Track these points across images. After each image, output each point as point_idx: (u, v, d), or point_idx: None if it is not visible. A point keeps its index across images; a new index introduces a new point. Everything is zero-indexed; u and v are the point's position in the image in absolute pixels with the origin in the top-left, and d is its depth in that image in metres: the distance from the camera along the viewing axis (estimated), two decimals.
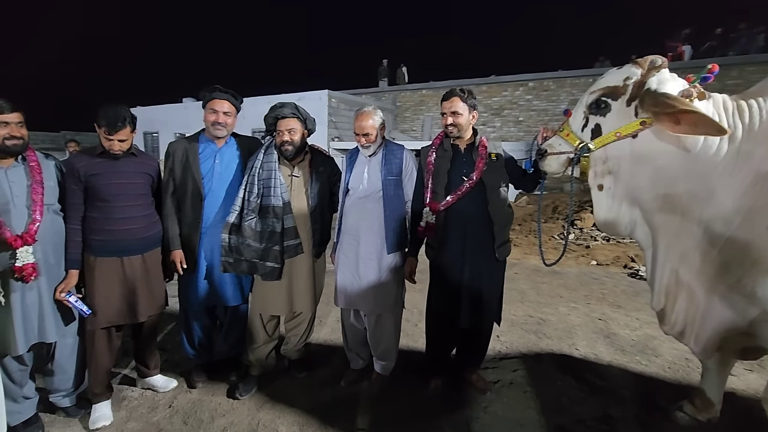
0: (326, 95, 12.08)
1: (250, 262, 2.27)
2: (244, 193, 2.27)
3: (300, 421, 2.16)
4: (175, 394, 2.40)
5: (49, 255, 1.98)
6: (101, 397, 2.19)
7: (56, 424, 2.14)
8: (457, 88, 2.13)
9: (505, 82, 13.95)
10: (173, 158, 2.33)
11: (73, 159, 2.12)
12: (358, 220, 2.30)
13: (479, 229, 2.13)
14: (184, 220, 2.34)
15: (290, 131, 2.27)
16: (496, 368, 2.68)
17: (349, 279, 2.35)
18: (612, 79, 1.67)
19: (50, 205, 2.00)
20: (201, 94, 2.38)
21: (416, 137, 14.86)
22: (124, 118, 2.05)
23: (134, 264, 2.17)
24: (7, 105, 1.85)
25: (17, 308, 1.89)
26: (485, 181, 2.12)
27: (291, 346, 2.56)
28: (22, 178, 1.92)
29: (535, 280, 4.73)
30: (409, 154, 2.37)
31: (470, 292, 2.17)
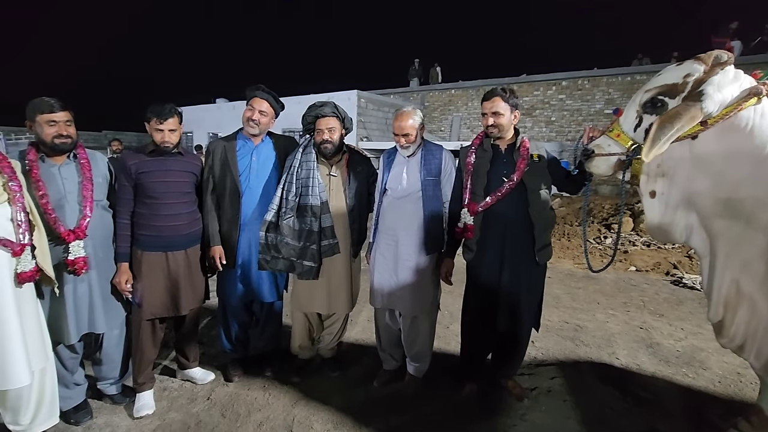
0: (355, 95, 12.16)
1: (287, 261, 2.30)
2: (282, 191, 2.30)
3: (334, 419, 2.17)
4: (213, 387, 2.46)
5: (98, 249, 2.06)
6: (145, 386, 2.27)
7: (103, 410, 2.23)
8: (499, 88, 2.08)
9: (536, 82, 13.62)
10: (213, 157, 2.39)
11: (126, 156, 2.20)
12: (397, 221, 2.29)
13: (519, 232, 2.08)
14: (224, 216, 2.39)
15: (330, 130, 2.28)
16: (532, 375, 2.61)
17: (386, 279, 2.33)
18: (670, 77, 1.58)
19: (99, 201, 2.08)
20: (246, 90, 2.43)
21: (444, 137, 14.73)
22: (171, 107, 2.15)
23: (178, 259, 2.24)
24: (56, 104, 1.93)
25: (69, 299, 1.98)
26: (526, 182, 2.06)
27: (324, 344, 2.58)
28: (74, 174, 2.01)
29: (570, 284, 4.59)
30: (448, 154, 2.34)
31: (508, 296, 2.12)
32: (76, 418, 2.11)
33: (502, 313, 2.14)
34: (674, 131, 1.43)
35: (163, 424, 2.13)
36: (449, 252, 2.29)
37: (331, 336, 2.56)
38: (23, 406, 1.82)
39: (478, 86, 14.40)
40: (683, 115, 1.42)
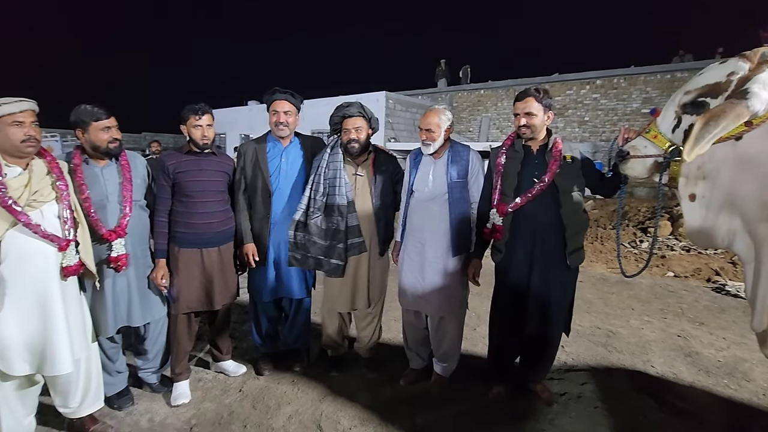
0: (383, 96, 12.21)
1: (315, 259, 2.35)
2: (310, 191, 2.35)
3: (361, 415, 2.20)
4: (245, 380, 2.54)
5: (136, 246, 2.16)
6: (181, 376, 2.38)
7: (143, 397, 2.35)
8: (532, 88, 2.04)
9: (569, 81, 13.27)
10: (244, 158, 2.47)
11: (164, 157, 2.31)
12: (423, 223, 2.29)
13: (550, 234, 2.04)
14: (255, 215, 2.47)
15: (357, 129, 2.32)
16: (562, 380, 2.55)
17: (412, 281, 2.35)
18: (713, 75, 1.51)
19: (137, 200, 2.18)
20: (263, 97, 2.50)
21: (473, 138, 14.57)
22: (205, 105, 2.25)
23: (212, 255, 2.33)
24: (104, 110, 2.04)
25: (108, 294, 2.08)
26: (558, 184, 2.02)
27: (363, 344, 2.61)
28: (115, 176, 2.12)
29: (602, 289, 4.45)
30: (475, 155, 2.32)
31: (538, 299, 2.08)
32: (119, 403, 2.24)
33: (531, 316, 2.11)
34: (719, 130, 1.37)
35: (198, 412, 2.22)
36: (477, 253, 2.28)
37: (368, 337, 2.58)
38: (71, 390, 1.94)
39: (508, 86, 14.16)
40: (728, 113, 1.36)
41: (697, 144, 1.38)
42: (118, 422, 2.14)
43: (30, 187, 1.70)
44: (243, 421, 2.16)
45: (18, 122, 1.65)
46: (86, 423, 2.04)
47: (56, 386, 1.91)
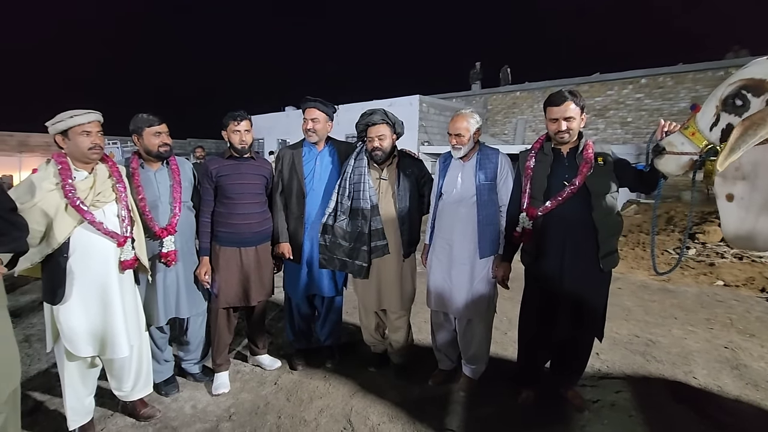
0: (417, 100, 12.24)
1: (341, 260, 2.44)
2: (337, 195, 2.44)
3: (389, 412, 2.25)
4: (280, 374, 2.66)
5: (184, 244, 2.34)
6: (222, 367, 2.53)
7: (187, 386, 2.52)
8: (566, 91, 1.99)
9: (610, 81, 12.75)
10: (282, 162, 2.61)
11: (208, 162, 2.48)
12: (451, 225, 2.32)
13: (582, 237, 2.02)
14: (290, 215, 2.59)
15: (380, 137, 2.38)
16: (595, 387, 2.50)
17: (440, 282, 2.38)
18: (757, 71, 1.43)
19: (185, 201, 2.36)
20: (300, 105, 2.63)
21: (507, 141, 14.31)
22: (243, 112, 2.41)
23: (250, 254, 2.47)
24: (156, 118, 2.24)
25: (160, 287, 2.27)
26: (590, 186, 1.99)
27: (394, 348, 2.66)
28: (166, 179, 2.31)
29: (643, 297, 4.27)
30: (504, 158, 2.33)
31: (569, 303, 2.06)
32: (166, 390, 2.42)
33: (561, 320, 2.09)
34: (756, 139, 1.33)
35: (237, 402, 2.36)
36: (506, 256, 2.28)
37: (398, 341, 2.62)
38: (125, 375, 2.12)
39: (545, 87, 13.80)
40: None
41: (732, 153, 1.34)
42: (165, 407, 2.30)
43: (94, 189, 1.89)
44: (278, 412, 2.27)
45: (86, 132, 1.84)
46: (137, 406, 2.21)
47: (112, 370, 2.10)
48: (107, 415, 2.22)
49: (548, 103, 2.02)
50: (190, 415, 2.25)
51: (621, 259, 5.51)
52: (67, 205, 1.81)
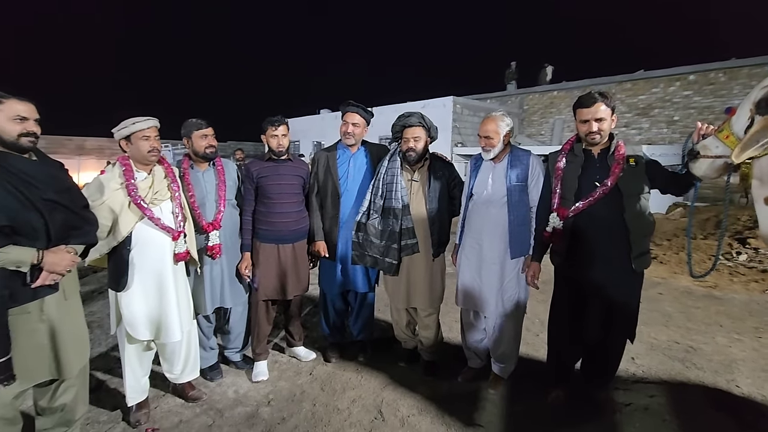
0: (451, 101, 12.21)
1: (372, 257, 2.54)
2: (371, 195, 2.54)
3: (419, 406, 2.32)
4: (314, 365, 2.80)
5: (227, 239, 2.51)
6: (261, 356, 2.70)
7: (229, 373, 2.70)
8: (596, 92, 2.00)
9: (656, 78, 12.19)
10: (317, 165, 2.74)
11: (250, 164, 2.65)
12: (482, 225, 2.37)
13: (613, 238, 2.01)
14: (326, 215, 2.72)
15: (415, 139, 2.46)
16: (628, 390, 2.46)
17: (470, 281, 2.43)
18: None
19: (230, 200, 2.54)
20: (339, 107, 2.75)
21: (544, 141, 13.98)
22: (281, 117, 2.57)
23: (287, 251, 2.62)
24: (204, 122, 2.44)
25: (207, 278, 2.46)
26: (621, 187, 1.99)
27: (424, 345, 2.72)
28: (212, 178, 2.50)
29: (686, 303, 4.10)
30: (536, 159, 2.35)
31: (599, 303, 2.06)
32: (211, 375, 2.61)
33: (592, 321, 2.08)
34: None
35: (275, 389, 2.51)
36: (536, 256, 2.30)
37: (428, 338, 2.67)
38: (176, 359, 2.32)
39: (585, 86, 13.37)
40: None
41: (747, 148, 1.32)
42: (210, 391, 2.49)
43: (153, 188, 2.09)
44: (312, 400, 2.40)
45: (146, 136, 2.05)
46: (186, 388, 2.41)
47: (165, 354, 2.30)
48: (160, 395, 2.43)
49: (578, 105, 2.04)
50: (233, 399, 2.42)
51: (663, 264, 5.35)
52: (130, 202, 2.01)
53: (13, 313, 1.53)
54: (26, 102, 1.57)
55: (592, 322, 2.08)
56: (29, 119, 1.57)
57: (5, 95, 1.52)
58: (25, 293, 1.56)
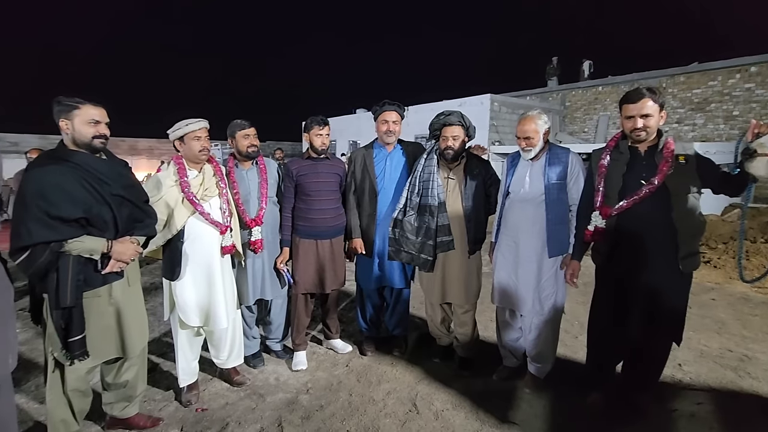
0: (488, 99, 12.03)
1: (408, 254, 2.58)
2: (407, 192, 2.58)
3: (453, 401, 2.35)
4: (351, 357, 2.89)
5: (268, 234, 2.64)
6: (300, 347, 2.81)
7: (271, 361, 2.84)
8: (644, 87, 1.94)
9: (712, 70, 11.41)
10: (355, 163, 2.82)
11: (290, 163, 2.77)
12: (518, 223, 2.35)
13: (660, 238, 1.94)
14: (363, 213, 2.79)
15: (454, 137, 2.48)
16: (672, 397, 2.36)
17: (506, 279, 2.43)
18: None
19: (271, 197, 2.67)
20: (373, 108, 2.80)
21: (587, 139, 13.46)
22: (325, 117, 2.66)
23: (325, 246, 2.72)
24: (247, 122, 2.56)
25: (249, 271, 2.59)
26: (670, 186, 1.92)
27: (460, 342, 2.74)
28: (255, 176, 2.63)
29: (741, 310, 3.85)
30: (575, 157, 2.31)
31: (644, 305, 1.99)
32: (254, 363, 2.76)
33: (635, 323, 2.02)
34: None
35: (313, 378, 2.62)
36: (576, 254, 2.26)
37: (464, 335, 2.69)
38: (222, 345, 2.47)
39: (632, 81, 12.74)
40: None
41: None
42: (253, 377, 2.63)
43: (203, 185, 2.24)
44: (349, 390, 2.48)
45: (197, 137, 2.20)
46: (231, 373, 2.56)
47: (212, 340, 2.46)
48: (208, 379, 2.60)
49: (624, 101, 1.99)
50: (274, 386, 2.54)
51: (717, 269, 5.05)
52: (183, 198, 2.17)
53: (86, 296, 1.71)
54: (99, 107, 1.74)
55: (635, 324, 2.02)
56: (101, 122, 1.74)
57: (81, 101, 1.70)
58: (97, 279, 1.74)
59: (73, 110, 1.68)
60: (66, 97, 1.69)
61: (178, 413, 2.27)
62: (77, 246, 1.65)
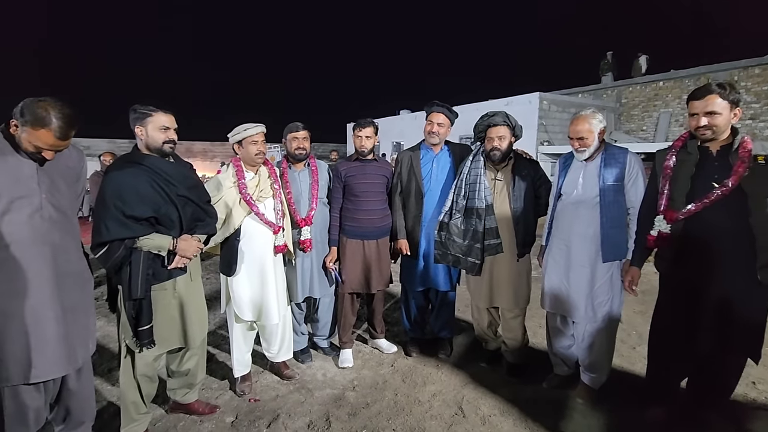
0: (537, 98, 11.62)
1: (455, 256, 2.55)
2: (453, 194, 2.56)
3: (501, 407, 2.30)
4: (396, 358, 2.90)
5: (317, 234, 2.71)
6: (346, 345, 2.87)
7: (318, 357, 2.92)
8: (713, 83, 1.81)
9: None
10: (401, 164, 2.83)
11: (339, 164, 2.83)
12: (570, 226, 2.27)
13: (734, 245, 1.79)
14: (408, 214, 2.80)
15: (500, 138, 2.43)
16: (745, 417, 2.17)
17: (557, 284, 2.34)
18: None
19: (321, 198, 2.74)
20: (424, 108, 2.80)
21: (646, 138, 12.63)
22: (368, 120, 2.70)
23: (371, 247, 2.75)
24: (299, 125, 2.64)
25: (299, 269, 2.67)
26: (746, 188, 1.76)
27: (508, 347, 2.68)
28: (307, 178, 2.71)
29: None
30: (634, 157, 2.18)
31: (715, 317, 1.84)
32: (302, 358, 2.85)
33: (705, 335, 1.88)
34: None
35: (359, 376, 2.66)
36: (636, 261, 2.13)
37: (513, 340, 2.62)
38: (273, 339, 2.57)
39: (698, 75, 11.77)
40: None
41: None
42: (302, 372, 2.71)
43: (259, 187, 2.35)
44: (394, 390, 2.50)
45: (254, 141, 2.31)
46: (281, 367, 2.66)
47: (264, 334, 2.57)
48: (259, 371, 2.72)
49: (690, 97, 1.87)
50: (321, 381, 2.61)
51: None
52: (240, 199, 2.29)
53: (154, 289, 1.85)
54: (169, 114, 1.88)
55: (704, 336, 1.88)
56: (170, 128, 1.88)
57: (154, 108, 1.84)
58: (163, 273, 1.88)
59: (147, 117, 1.83)
60: (141, 105, 1.84)
61: (232, 402, 2.39)
62: (147, 242, 1.79)
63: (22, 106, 1.47)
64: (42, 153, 1.51)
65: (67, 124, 1.50)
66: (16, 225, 1.49)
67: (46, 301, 1.56)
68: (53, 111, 1.46)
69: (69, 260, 1.64)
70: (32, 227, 1.52)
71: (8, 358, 1.51)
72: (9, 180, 1.49)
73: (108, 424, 2.15)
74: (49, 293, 1.56)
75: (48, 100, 1.48)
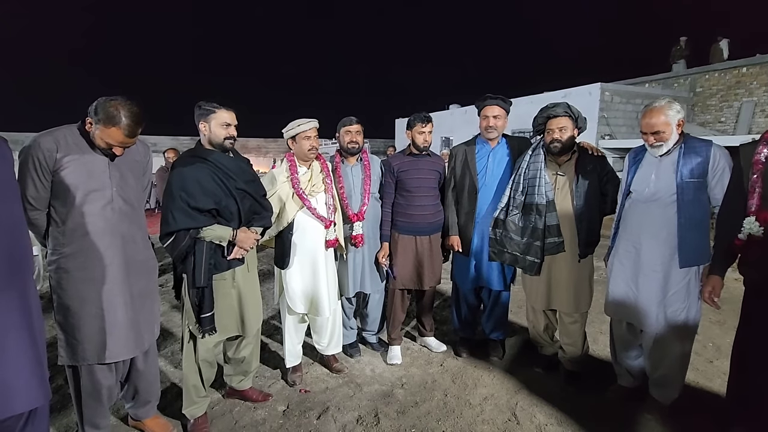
0: (598, 89, 10.90)
1: (512, 255, 2.44)
2: (510, 190, 2.44)
3: (558, 416, 2.17)
4: (445, 357, 2.84)
5: (369, 229, 2.70)
6: (395, 341, 2.85)
7: (366, 353, 2.93)
8: None
9: None
10: (455, 159, 2.75)
11: (391, 159, 2.80)
12: (640, 226, 2.08)
13: None
14: (461, 210, 2.72)
15: (561, 129, 2.28)
16: None
17: (623, 289, 2.16)
18: None
19: (373, 193, 2.72)
20: (476, 102, 2.70)
21: (724, 130, 11.47)
22: (429, 115, 2.65)
23: (423, 243, 2.70)
24: (353, 119, 2.63)
25: (350, 264, 2.68)
26: None
27: (566, 354, 2.52)
28: (359, 173, 2.70)
29: None
30: (719, 150, 1.95)
31: None
32: (351, 352, 2.87)
33: None
34: None
35: (407, 374, 2.63)
36: (716, 269, 1.90)
37: (571, 346, 2.47)
38: (324, 333, 2.61)
39: None
40: None
41: None
42: (350, 366, 2.73)
43: (311, 182, 2.39)
44: (444, 390, 2.44)
45: (307, 137, 2.35)
46: (330, 360, 2.70)
47: (315, 327, 2.61)
48: (310, 363, 2.77)
49: None
50: (370, 377, 2.62)
51: None
52: (293, 193, 2.33)
53: (215, 279, 1.93)
54: (231, 111, 1.96)
55: None
56: (231, 125, 1.95)
57: (217, 106, 1.92)
58: (223, 263, 1.95)
59: (210, 114, 1.91)
60: (205, 102, 1.93)
61: (284, 391, 2.45)
62: (210, 233, 1.87)
63: (96, 105, 1.59)
64: (113, 149, 1.62)
65: (135, 123, 1.61)
66: (90, 216, 1.62)
67: (117, 288, 1.69)
68: (123, 110, 1.57)
69: (137, 249, 1.76)
70: (104, 218, 1.65)
71: (84, 340, 1.65)
72: (85, 174, 1.63)
73: (171, 404, 2.29)
74: (120, 280, 1.69)
75: (119, 99, 1.59)
